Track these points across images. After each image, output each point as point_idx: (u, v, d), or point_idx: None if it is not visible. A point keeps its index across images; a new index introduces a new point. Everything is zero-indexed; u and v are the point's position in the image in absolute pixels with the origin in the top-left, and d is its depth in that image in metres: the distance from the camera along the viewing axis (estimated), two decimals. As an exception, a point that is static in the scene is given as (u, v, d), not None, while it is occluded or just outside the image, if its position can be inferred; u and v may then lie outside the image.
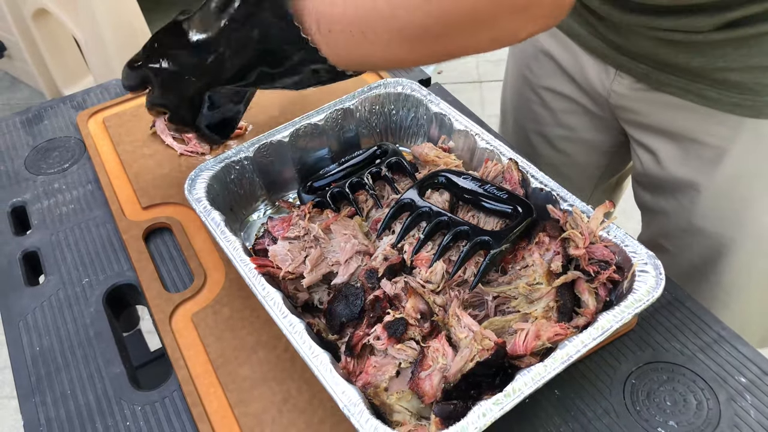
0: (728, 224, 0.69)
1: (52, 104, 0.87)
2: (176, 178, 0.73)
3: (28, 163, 0.78)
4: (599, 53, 0.72)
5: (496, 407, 0.43)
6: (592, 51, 0.73)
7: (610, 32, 0.69)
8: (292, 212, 0.61)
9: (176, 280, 0.64)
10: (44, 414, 0.54)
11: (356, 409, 0.44)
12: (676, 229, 0.73)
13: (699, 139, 0.67)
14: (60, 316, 0.61)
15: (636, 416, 0.50)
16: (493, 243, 0.54)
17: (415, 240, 0.57)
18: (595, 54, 0.73)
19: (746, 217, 0.68)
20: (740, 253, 0.70)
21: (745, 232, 0.68)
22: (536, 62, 0.83)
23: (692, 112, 0.66)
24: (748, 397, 0.51)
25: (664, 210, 0.74)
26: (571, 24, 0.74)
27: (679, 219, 0.72)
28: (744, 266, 0.71)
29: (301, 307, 0.57)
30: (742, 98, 0.62)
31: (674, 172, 0.71)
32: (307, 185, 0.67)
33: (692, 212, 0.70)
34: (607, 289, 0.53)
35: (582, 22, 0.72)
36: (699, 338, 0.55)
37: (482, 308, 0.55)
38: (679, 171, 0.70)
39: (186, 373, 0.55)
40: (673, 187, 0.72)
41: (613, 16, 0.66)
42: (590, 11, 0.69)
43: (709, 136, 0.66)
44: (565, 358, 0.46)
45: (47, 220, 0.71)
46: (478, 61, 2.39)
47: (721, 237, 0.69)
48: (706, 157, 0.67)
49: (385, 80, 0.71)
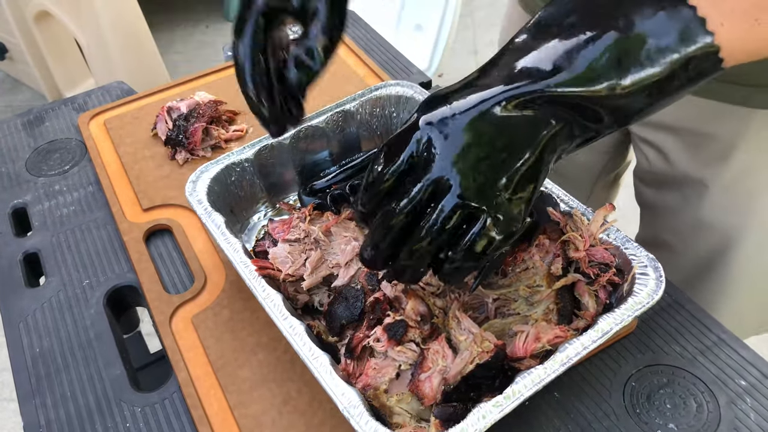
0: (736, 217, 0.68)
1: (54, 106, 0.87)
2: (177, 180, 0.73)
3: (29, 164, 0.78)
4: None
5: (496, 409, 0.43)
6: None
7: None
8: (293, 214, 0.61)
9: (176, 281, 0.64)
10: (44, 415, 0.54)
11: (356, 411, 0.44)
12: (682, 224, 0.73)
13: (708, 133, 0.66)
14: (60, 318, 0.61)
15: (636, 419, 0.50)
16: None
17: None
18: None
19: (755, 209, 0.67)
20: (747, 244, 0.69)
21: (754, 223, 0.68)
22: None
23: (700, 106, 0.65)
24: (748, 400, 0.51)
25: (669, 206, 0.74)
26: None
27: (686, 214, 0.72)
28: (752, 256, 0.70)
29: (301, 309, 0.57)
30: (753, 90, 0.61)
31: (682, 168, 0.70)
32: (308, 187, 0.67)
33: (699, 207, 0.70)
34: (607, 292, 0.53)
35: None
36: (699, 341, 0.55)
37: (482, 310, 0.55)
38: (688, 166, 0.69)
39: (186, 375, 0.55)
40: (680, 183, 0.71)
41: None
42: None
43: (718, 130, 0.66)
44: (565, 360, 0.46)
45: (48, 222, 0.71)
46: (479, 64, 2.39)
47: (729, 230, 0.69)
48: (715, 151, 0.66)
49: (386, 82, 0.71)
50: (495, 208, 0.42)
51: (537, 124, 0.41)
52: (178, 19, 2.80)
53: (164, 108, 0.78)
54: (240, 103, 0.82)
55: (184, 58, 2.58)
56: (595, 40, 0.40)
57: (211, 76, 0.87)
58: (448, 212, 0.42)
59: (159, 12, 2.62)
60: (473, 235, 0.42)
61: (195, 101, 0.78)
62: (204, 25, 2.79)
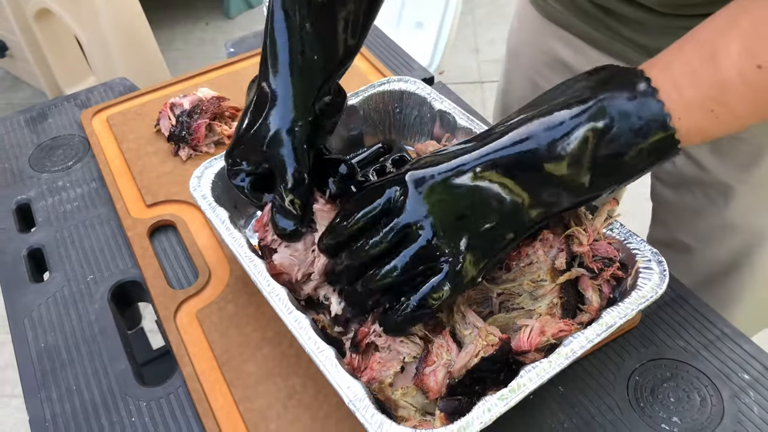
0: (763, 218, 0.68)
1: (56, 102, 0.87)
2: (180, 176, 0.73)
3: (33, 161, 0.78)
4: (622, 56, 0.70)
5: (501, 402, 0.43)
6: (615, 55, 0.71)
7: (636, 34, 0.67)
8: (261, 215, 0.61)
9: (180, 277, 0.64)
10: (50, 409, 0.55)
11: (362, 404, 0.44)
12: (705, 226, 0.72)
13: (740, 137, 0.66)
14: (65, 313, 0.62)
15: (640, 413, 0.50)
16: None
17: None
18: (617, 57, 0.71)
19: None
20: None
21: None
22: (550, 70, 0.80)
23: None
24: (752, 394, 0.51)
25: (690, 206, 0.73)
26: (587, 31, 0.72)
27: (710, 216, 0.71)
28: None
29: (305, 303, 0.57)
30: None
31: (710, 171, 0.69)
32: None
33: (725, 208, 0.69)
34: (611, 286, 0.53)
35: (600, 26, 0.70)
36: (702, 335, 0.55)
37: (487, 305, 0.55)
38: (717, 170, 0.68)
39: (191, 370, 0.55)
40: (706, 185, 0.70)
41: (648, 21, 0.64)
42: (609, 14, 0.67)
43: (749, 134, 0.65)
44: (570, 354, 0.46)
45: (51, 218, 0.71)
46: (480, 62, 2.40)
47: (754, 232, 0.69)
48: (746, 154, 0.66)
49: (389, 78, 0.71)
50: (457, 259, 0.45)
51: (508, 192, 0.45)
52: (178, 16, 2.80)
53: (167, 104, 0.78)
54: (243, 99, 0.82)
55: (185, 56, 2.58)
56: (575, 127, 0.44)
57: (213, 73, 0.87)
58: (417, 250, 0.45)
59: (159, 9, 2.62)
60: (433, 283, 0.45)
61: (198, 97, 0.79)
62: (204, 23, 2.78)
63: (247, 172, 0.54)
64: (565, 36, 0.76)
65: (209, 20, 2.80)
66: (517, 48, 0.87)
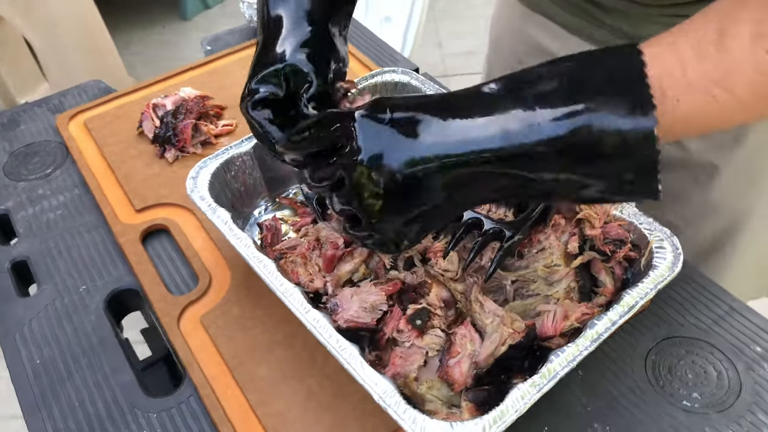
0: (746, 198, 0.70)
1: (26, 108, 0.83)
2: (168, 178, 0.70)
3: (7, 169, 0.74)
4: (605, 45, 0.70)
5: (534, 389, 0.43)
6: (598, 43, 0.71)
7: (619, 22, 0.67)
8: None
9: (179, 282, 0.62)
10: (53, 427, 0.52)
11: (392, 400, 0.43)
12: (690, 207, 0.74)
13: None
14: (59, 326, 0.59)
15: (660, 391, 0.51)
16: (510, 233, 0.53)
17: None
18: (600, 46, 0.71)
19: (763, 188, 0.69)
20: (754, 222, 0.71)
21: (762, 201, 0.69)
22: (532, 59, 0.80)
23: None
24: (766, 366, 0.52)
25: (677, 188, 0.74)
26: (569, 19, 0.72)
27: (695, 197, 0.73)
28: (758, 234, 0.72)
29: (313, 296, 0.56)
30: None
31: (696, 152, 0.70)
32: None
33: (709, 189, 0.71)
34: (623, 268, 0.54)
35: (583, 15, 0.70)
36: (712, 311, 0.56)
37: (501, 293, 0.54)
38: (701, 150, 0.69)
39: (201, 376, 0.53)
40: (692, 166, 0.71)
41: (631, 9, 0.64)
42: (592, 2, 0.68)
43: None
44: (596, 336, 0.46)
45: (34, 228, 0.68)
46: (443, 55, 2.40)
47: (738, 211, 0.70)
48: (728, 136, 0.67)
49: (381, 70, 0.70)
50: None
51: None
52: (134, 19, 2.73)
53: (149, 105, 0.75)
54: (226, 97, 0.80)
55: (142, 59, 2.51)
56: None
57: (193, 71, 0.85)
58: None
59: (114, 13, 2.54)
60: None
61: (181, 97, 0.76)
62: (161, 26, 2.72)
63: (267, 101, 0.49)
64: (547, 24, 0.76)
65: (165, 23, 2.73)
66: (499, 37, 0.87)
